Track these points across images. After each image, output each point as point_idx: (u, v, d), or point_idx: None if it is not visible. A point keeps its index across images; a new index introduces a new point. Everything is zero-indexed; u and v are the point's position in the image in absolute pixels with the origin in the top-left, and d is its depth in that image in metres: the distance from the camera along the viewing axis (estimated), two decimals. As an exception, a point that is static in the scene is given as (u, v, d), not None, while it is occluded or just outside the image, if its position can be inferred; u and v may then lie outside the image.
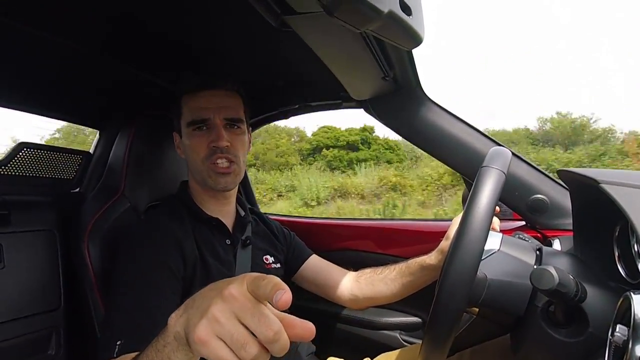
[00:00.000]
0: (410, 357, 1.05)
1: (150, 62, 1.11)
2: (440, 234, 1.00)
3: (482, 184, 0.62)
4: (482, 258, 0.62)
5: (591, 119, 13.45)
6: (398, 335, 1.34)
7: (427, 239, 1.27)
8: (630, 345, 0.47)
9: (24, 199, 1.02)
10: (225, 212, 1.05)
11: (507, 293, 0.69)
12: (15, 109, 1.08)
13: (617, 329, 0.51)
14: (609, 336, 0.54)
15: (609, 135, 12.64)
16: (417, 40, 0.65)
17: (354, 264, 1.19)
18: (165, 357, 0.49)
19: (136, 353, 0.68)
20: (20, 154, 1.01)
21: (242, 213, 1.10)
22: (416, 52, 0.97)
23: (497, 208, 1.03)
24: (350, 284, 1.13)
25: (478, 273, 0.66)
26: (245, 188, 1.69)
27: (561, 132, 13.50)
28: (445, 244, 0.98)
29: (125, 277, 0.82)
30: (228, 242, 1.00)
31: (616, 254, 0.72)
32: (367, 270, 1.13)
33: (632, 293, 0.52)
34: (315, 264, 1.16)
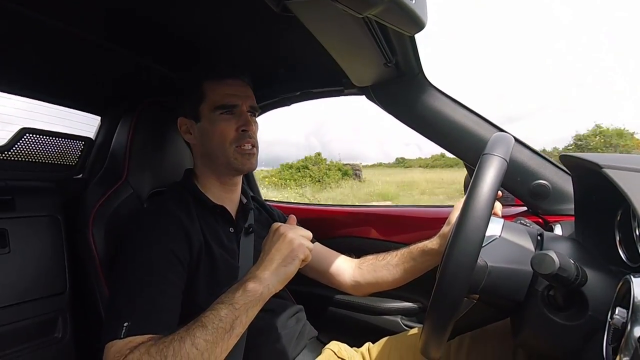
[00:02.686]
0: (411, 341, 1.06)
1: (152, 50, 1.10)
2: (442, 221, 1.01)
3: (483, 172, 0.62)
4: (483, 245, 0.62)
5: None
6: (399, 320, 1.35)
7: (429, 226, 1.28)
8: (628, 327, 0.48)
9: (27, 184, 1.03)
10: (230, 199, 1.05)
11: (507, 280, 0.70)
12: (17, 95, 1.08)
13: (617, 312, 0.52)
14: (608, 319, 0.55)
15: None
16: (419, 24, 0.64)
17: (356, 251, 1.20)
18: (243, 311, 0.72)
19: (149, 336, 0.72)
20: (23, 139, 1.01)
21: (245, 201, 1.10)
22: (419, 40, 0.97)
23: (500, 192, 1.03)
24: (353, 271, 1.14)
25: (478, 261, 0.66)
26: (247, 176, 1.69)
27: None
28: (446, 229, 0.99)
29: (131, 262, 0.83)
30: (231, 229, 1.01)
31: (617, 238, 0.72)
32: (370, 257, 1.14)
33: (632, 276, 0.53)
34: (318, 251, 1.17)
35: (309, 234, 0.86)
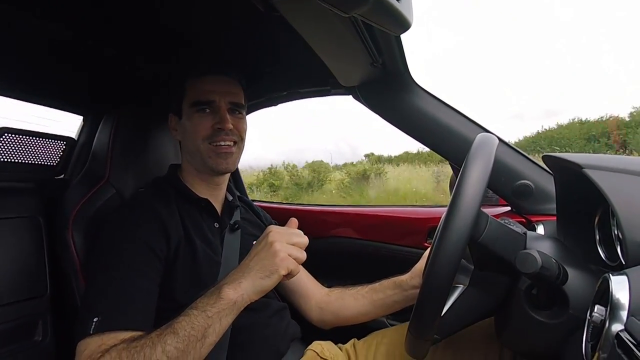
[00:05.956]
0: (397, 335, 1.06)
1: (136, 48, 1.09)
2: (427, 220, 1.02)
3: (480, 146, 0.65)
4: None
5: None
6: (385, 319, 1.35)
7: (414, 225, 1.28)
8: (607, 325, 0.49)
9: (6, 185, 1.01)
10: (215, 196, 1.05)
11: (504, 235, 0.70)
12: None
13: (596, 309, 0.53)
14: (588, 316, 0.56)
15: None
16: (405, 25, 0.65)
17: (342, 251, 1.20)
18: (216, 319, 0.68)
19: (122, 331, 0.71)
20: (2, 139, 0.99)
21: (230, 198, 1.10)
22: (405, 38, 0.97)
23: None
24: (320, 297, 1.13)
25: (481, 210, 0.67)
26: (234, 176, 1.68)
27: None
28: (420, 264, 1.00)
29: (105, 256, 0.82)
30: (216, 225, 1.01)
31: (597, 237, 0.74)
32: (341, 288, 1.14)
33: (610, 274, 0.54)
34: None
35: (304, 242, 0.77)
